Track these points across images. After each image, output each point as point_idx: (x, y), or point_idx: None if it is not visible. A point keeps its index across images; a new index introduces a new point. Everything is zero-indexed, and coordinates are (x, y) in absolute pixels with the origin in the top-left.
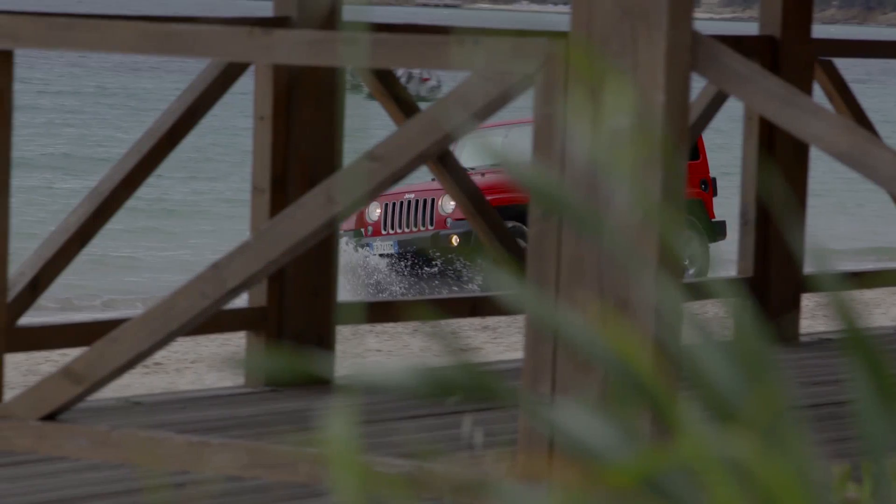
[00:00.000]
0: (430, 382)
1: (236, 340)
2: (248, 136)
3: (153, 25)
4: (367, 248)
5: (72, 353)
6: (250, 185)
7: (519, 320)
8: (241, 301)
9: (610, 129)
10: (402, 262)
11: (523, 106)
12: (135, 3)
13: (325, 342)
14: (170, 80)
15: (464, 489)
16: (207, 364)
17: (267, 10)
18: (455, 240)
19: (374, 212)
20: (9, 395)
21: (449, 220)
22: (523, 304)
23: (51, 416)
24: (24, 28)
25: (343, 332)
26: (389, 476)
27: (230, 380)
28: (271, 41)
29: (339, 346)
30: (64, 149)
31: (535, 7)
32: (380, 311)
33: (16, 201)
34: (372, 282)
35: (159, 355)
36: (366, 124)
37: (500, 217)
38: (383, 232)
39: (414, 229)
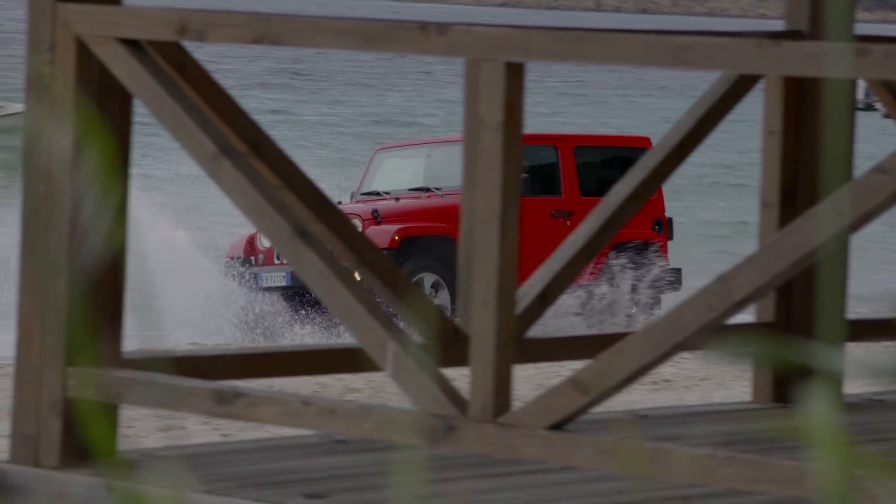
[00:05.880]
0: None
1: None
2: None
3: (662, 38)
4: (256, 279)
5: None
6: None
7: None
8: (749, 316)
9: None
10: (295, 299)
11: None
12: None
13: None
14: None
15: None
16: (712, 377)
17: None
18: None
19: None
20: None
21: None
22: None
23: (557, 426)
24: (534, 41)
25: (854, 352)
26: (874, 459)
27: (738, 395)
28: (780, 53)
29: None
30: None
31: None
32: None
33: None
34: (252, 319)
35: (668, 372)
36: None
37: None
38: (276, 261)
39: None
